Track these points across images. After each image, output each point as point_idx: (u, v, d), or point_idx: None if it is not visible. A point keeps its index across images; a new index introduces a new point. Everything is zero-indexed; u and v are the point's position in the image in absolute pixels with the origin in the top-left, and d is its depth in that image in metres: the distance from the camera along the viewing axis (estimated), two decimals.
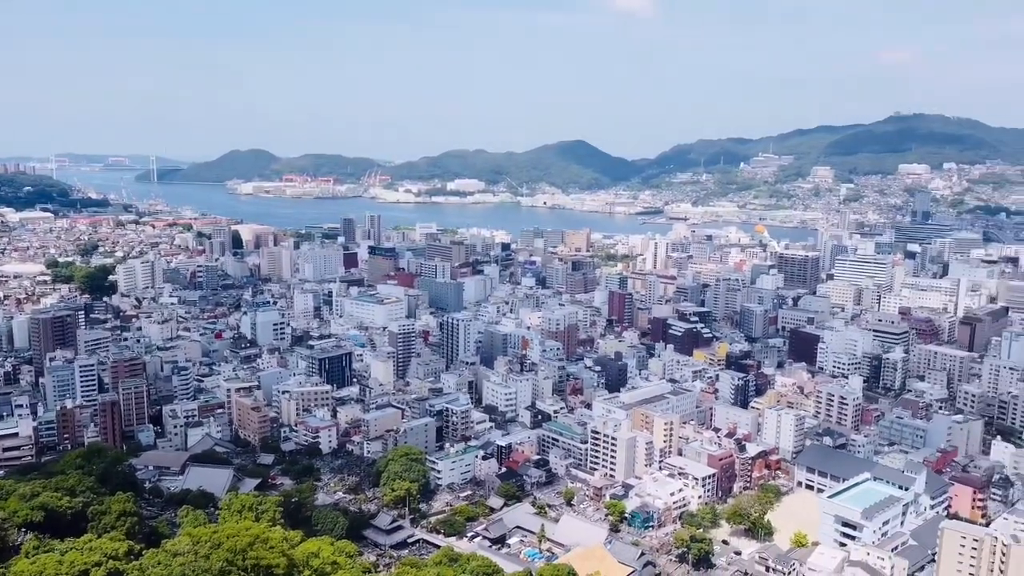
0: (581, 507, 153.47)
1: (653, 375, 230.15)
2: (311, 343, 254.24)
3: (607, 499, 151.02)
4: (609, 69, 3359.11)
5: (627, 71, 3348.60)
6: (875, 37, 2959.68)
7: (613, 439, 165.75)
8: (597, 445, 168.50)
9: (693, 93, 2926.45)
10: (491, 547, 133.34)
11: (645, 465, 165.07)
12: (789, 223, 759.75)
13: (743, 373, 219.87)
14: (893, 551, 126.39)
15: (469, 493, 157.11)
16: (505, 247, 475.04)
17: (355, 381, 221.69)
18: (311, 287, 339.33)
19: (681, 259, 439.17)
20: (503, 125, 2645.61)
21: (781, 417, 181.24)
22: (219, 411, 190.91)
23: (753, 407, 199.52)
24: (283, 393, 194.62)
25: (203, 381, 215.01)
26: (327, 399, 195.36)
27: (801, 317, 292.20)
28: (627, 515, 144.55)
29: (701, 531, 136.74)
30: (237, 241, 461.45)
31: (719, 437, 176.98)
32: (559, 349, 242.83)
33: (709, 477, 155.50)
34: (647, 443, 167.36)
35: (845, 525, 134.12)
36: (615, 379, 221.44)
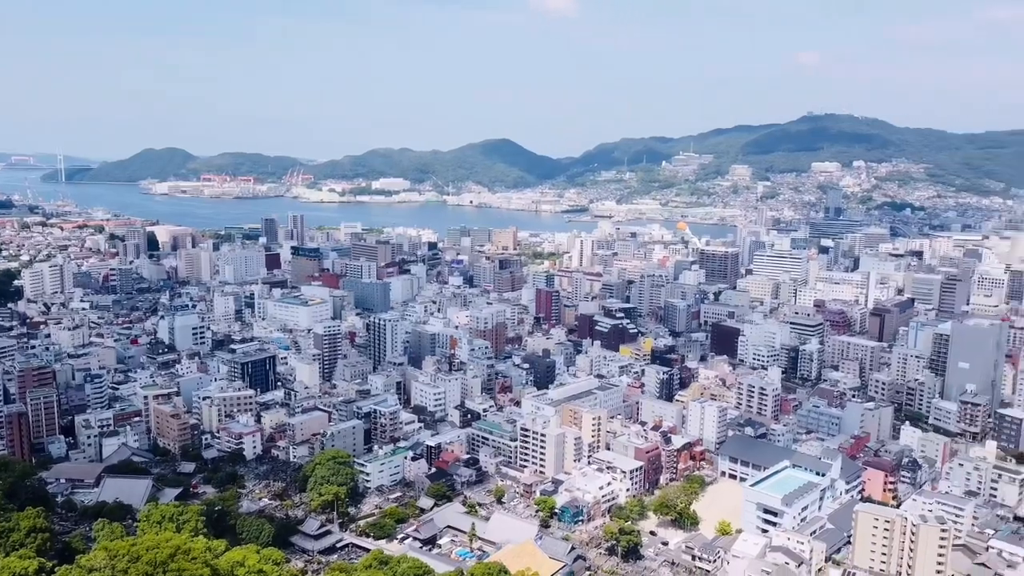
0: (512, 504, 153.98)
1: (581, 371, 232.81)
2: (233, 347, 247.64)
3: (537, 495, 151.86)
4: (534, 68, 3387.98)
5: (552, 70, 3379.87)
6: (789, 39, 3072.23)
7: (542, 436, 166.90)
8: (527, 442, 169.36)
9: (616, 92, 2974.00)
10: (422, 548, 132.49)
11: (574, 460, 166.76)
12: (709, 220, 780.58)
13: (668, 367, 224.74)
14: (812, 535, 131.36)
15: (399, 495, 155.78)
16: (432, 246, 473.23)
17: (279, 385, 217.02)
18: (232, 289, 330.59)
19: (607, 256, 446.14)
20: (429, 123, 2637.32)
21: (705, 409, 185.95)
22: (136, 419, 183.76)
23: (678, 400, 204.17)
24: (204, 399, 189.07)
25: (118, 389, 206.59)
26: (250, 404, 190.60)
27: (722, 311, 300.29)
28: (557, 511, 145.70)
29: (629, 523, 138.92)
30: (153, 243, 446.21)
31: (646, 430, 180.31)
32: (487, 348, 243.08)
33: (636, 470, 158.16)
34: (576, 439, 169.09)
35: (766, 512, 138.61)
36: (543, 376, 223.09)
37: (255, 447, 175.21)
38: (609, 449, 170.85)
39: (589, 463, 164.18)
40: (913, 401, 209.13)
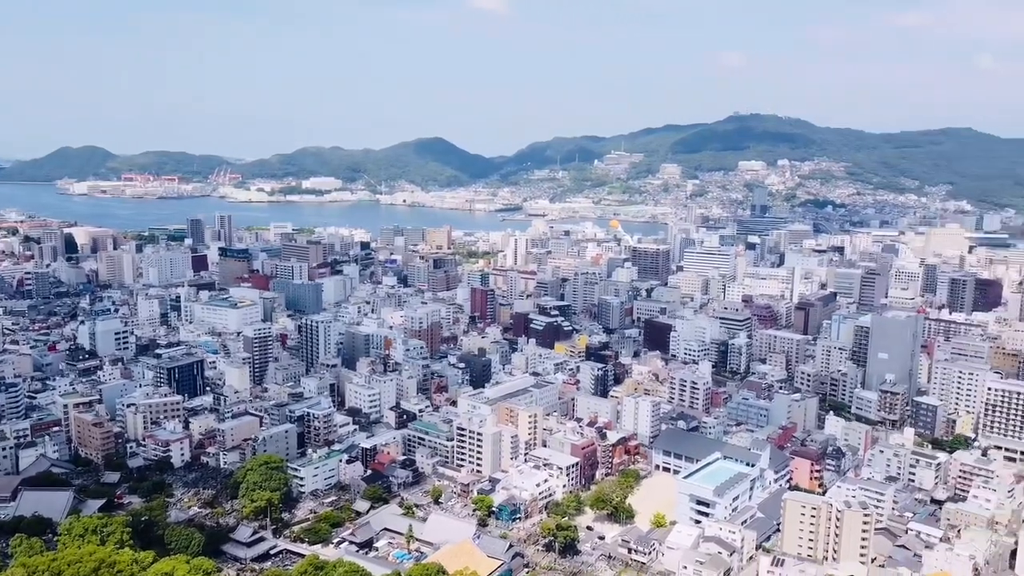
0: (449, 504, 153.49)
1: (516, 369, 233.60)
2: (158, 352, 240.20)
3: (474, 495, 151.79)
4: (466, 66, 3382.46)
5: (484, 69, 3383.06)
6: (714, 40, 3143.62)
7: (479, 435, 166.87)
8: (463, 442, 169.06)
9: (548, 92, 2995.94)
10: (358, 552, 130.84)
11: (511, 458, 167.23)
12: (641, 218, 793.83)
13: (602, 363, 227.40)
14: (743, 524, 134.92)
15: (334, 498, 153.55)
16: (365, 246, 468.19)
17: (208, 390, 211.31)
18: (157, 292, 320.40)
19: (541, 255, 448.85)
20: (361, 122, 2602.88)
21: (638, 404, 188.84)
22: (55, 429, 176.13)
23: (612, 396, 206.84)
24: (128, 406, 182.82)
25: (36, 398, 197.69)
26: (178, 410, 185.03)
27: (654, 307, 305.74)
28: (494, 509, 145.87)
29: (566, 519, 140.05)
30: (71, 245, 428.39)
31: (581, 426, 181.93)
32: (422, 348, 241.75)
33: (573, 466, 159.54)
34: (512, 437, 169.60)
35: (699, 503, 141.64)
36: (479, 375, 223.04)
37: (183, 454, 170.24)
38: (545, 446, 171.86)
39: (526, 461, 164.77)
40: (836, 391, 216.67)
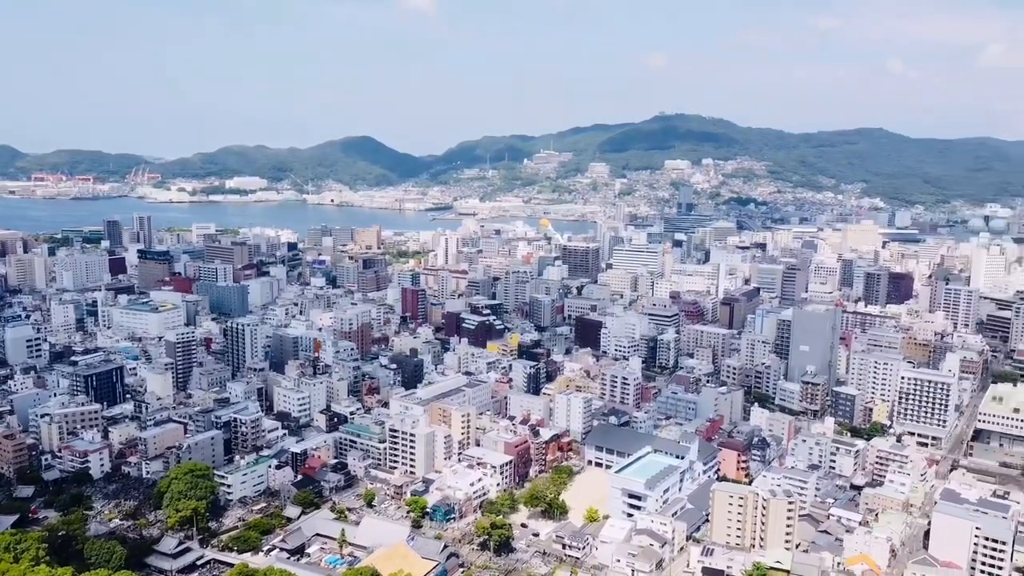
0: (382, 507, 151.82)
1: (449, 369, 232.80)
2: (74, 359, 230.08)
3: (408, 496, 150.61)
4: (396, 65, 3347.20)
5: (412, 67, 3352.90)
6: (642, 42, 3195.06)
7: (412, 436, 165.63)
8: (396, 443, 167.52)
9: (478, 91, 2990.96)
10: (290, 558, 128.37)
11: (444, 459, 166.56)
12: (571, 216, 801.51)
13: (534, 361, 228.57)
14: (673, 516, 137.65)
15: (264, 505, 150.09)
16: (292, 247, 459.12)
17: (129, 397, 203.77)
18: (71, 297, 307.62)
19: (472, 254, 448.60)
20: (287, 120, 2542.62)
21: (570, 401, 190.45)
22: None
23: (545, 393, 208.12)
24: (42, 417, 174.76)
25: None
26: (96, 419, 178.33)
27: (585, 305, 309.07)
28: (429, 510, 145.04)
29: (501, 517, 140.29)
30: None
31: (514, 425, 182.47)
32: (353, 349, 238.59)
33: (506, 464, 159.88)
34: (445, 437, 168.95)
35: (631, 496, 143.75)
36: (411, 376, 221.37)
37: (103, 465, 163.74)
38: (479, 445, 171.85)
39: (459, 460, 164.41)
40: (761, 383, 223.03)
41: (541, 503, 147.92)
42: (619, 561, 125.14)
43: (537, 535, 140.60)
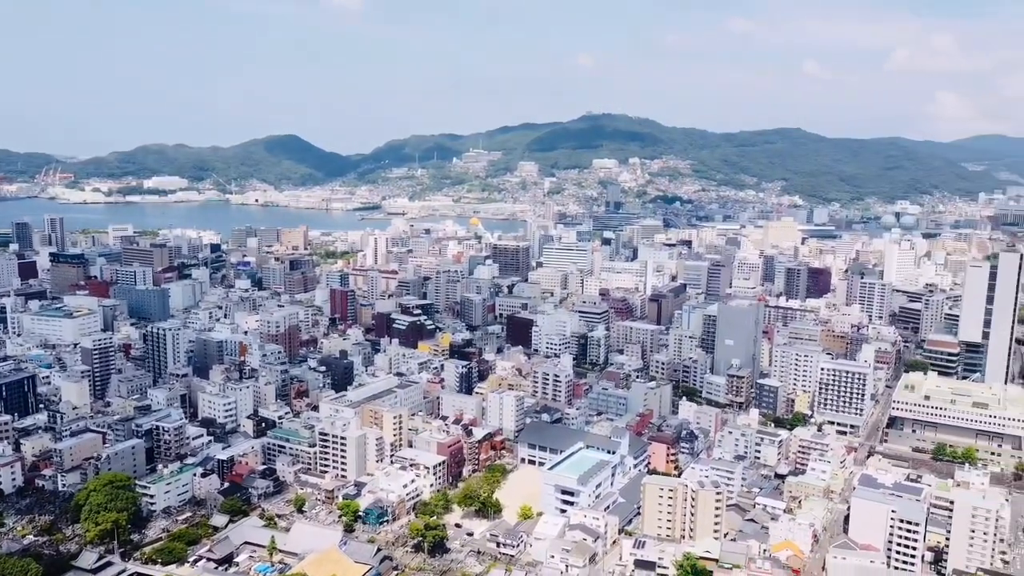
0: (313, 512, 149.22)
1: (380, 370, 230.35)
2: None
3: (340, 500, 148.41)
4: (321, 63, 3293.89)
5: (340, 66, 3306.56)
6: (569, 41, 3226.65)
7: (342, 439, 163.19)
8: (326, 447, 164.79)
9: (406, 90, 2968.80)
10: (217, 568, 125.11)
11: (377, 461, 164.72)
12: (501, 215, 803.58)
13: (466, 361, 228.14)
14: (606, 510, 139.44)
15: (189, 515, 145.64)
16: (215, 248, 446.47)
17: (42, 407, 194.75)
18: None
19: (401, 253, 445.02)
20: (208, 119, 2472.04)
21: (503, 399, 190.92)
22: None
23: (477, 392, 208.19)
24: None
25: None
26: (6, 431, 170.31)
27: (516, 303, 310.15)
28: (361, 513, 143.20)
29: (435, 518, 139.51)
30: None
31: (447, 425, 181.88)
32: (280, 352, 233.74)
33: (439, 465, 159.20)
34: (377, 439, 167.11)
35: (564, 493, 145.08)
36: (341, 378, 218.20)
37: (14, 479, 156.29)
38: (412, 446, 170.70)
39: (392, 462, 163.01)
40: (688, 378, 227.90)
41: (475, 502, 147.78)
42: (553, 557, 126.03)
43: (471, 534, 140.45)
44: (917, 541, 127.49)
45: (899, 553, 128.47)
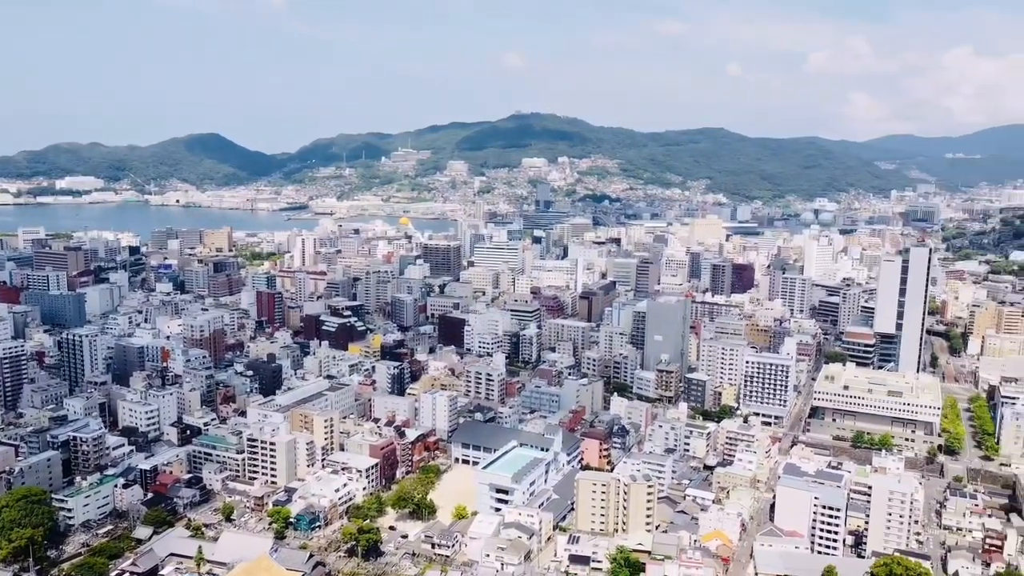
0: (242, 521, 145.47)
1: (310, 373, 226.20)
2: None
3: (270, 507, 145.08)
4: (244, 61, 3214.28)
5: (263, 64, 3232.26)
6: (498, 41, 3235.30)
7: (271, 444, 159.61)
8: (255, 453, 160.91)
9: (332, 89, 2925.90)
10: None
11: (308, 466, 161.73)
12: (431, 215, 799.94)
13: (398, 362, 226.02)
14: (540, 507, 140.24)
15: (110, 528, 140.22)
16: (134, 251, 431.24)
17: None
18: None
19: (330, 254, 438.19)
20: (123, 117, 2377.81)
21: (436, 400, 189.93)
22: None
23: (410, 393, 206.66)
24: None
25: None
26: None
27: (448, 303, 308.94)
28: (292, 520, 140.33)
29: (368, 522, 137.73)
30: None
31: (380, 427, 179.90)
32: (205, 357, 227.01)
33: (372, 467, 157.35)
34: (308, 443, 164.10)
35: (498, 491, 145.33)
36: (270, 382, 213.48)
37: None
38: (344, 450, 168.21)
39: (324, 466, 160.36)
40: (619, 374, 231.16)
41: (409, 504, 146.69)
42: (488, 555, 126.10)
43: (406, 537, 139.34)
44: (839, 526, 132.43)
45: (822, 538, 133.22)
